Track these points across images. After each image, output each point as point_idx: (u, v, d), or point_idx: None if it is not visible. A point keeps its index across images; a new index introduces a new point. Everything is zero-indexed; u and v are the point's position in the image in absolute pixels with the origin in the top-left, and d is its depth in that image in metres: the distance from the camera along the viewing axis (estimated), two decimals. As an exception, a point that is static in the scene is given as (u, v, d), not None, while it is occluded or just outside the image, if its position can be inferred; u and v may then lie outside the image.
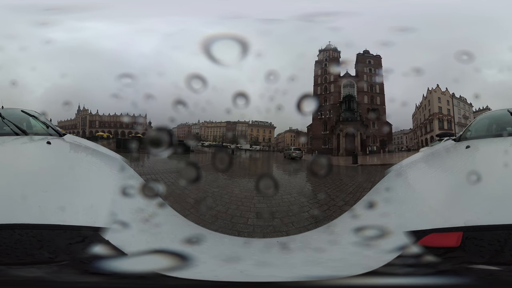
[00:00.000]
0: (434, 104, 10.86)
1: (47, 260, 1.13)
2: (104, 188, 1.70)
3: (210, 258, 1.42)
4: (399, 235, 1.34)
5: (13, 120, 2.38)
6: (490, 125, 2.67)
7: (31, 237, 1.17)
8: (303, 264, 1.43)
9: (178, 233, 1.71)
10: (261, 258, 1.55)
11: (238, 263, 1.42)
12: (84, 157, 2.41)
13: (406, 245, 1.28)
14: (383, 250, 1.32)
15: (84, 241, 1.22)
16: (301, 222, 3.30)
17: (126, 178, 2.04)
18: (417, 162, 2.54)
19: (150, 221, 1.58)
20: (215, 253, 1.54)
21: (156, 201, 1.75)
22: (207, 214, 3.50)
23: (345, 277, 1.17)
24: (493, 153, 2.11)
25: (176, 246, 1.40)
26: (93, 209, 1.42)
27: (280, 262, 1.50)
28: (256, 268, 1.37)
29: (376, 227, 1.47)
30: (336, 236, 1.76)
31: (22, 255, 1.13)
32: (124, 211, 1.49)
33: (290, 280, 1.20)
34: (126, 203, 1.59)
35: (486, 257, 1.17)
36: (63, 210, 1.32)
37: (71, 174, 1.75)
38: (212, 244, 1.64)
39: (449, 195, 1.54)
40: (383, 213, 1.66)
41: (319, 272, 1.27)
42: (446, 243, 1.24)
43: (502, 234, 1.20)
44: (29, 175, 1.57)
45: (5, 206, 1.25)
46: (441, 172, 2.07)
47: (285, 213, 3.68)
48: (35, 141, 2.34)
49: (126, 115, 9.05)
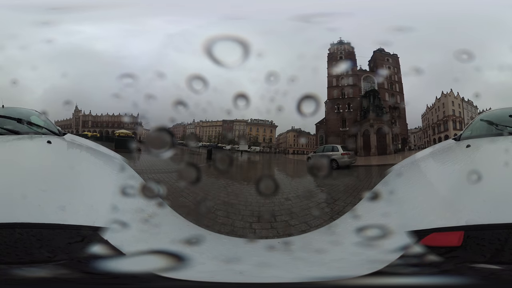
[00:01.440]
0: (449, 107, 11.35)
1: (46, 260, 1.13)
2: (104, 188, 1.69)
3: (209, 259, 1.42)
4: (401, 235, 1.34)
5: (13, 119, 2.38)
6: (490, 124, 2.62)
7: (31, 236, 1.17)
8: (305, 265, 1.42)
9: (178, 233, 1.71)
10: (262, 259, 1.54)
11: (238, 264, 1.42)
12: (84, 156, 2.40)
13: (408, 245, 1.28)
14: (385, 250, 1.31)
15: (83, 240, 1.22)
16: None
17: (126, 178, 2.03)
18: (418, 162, 2.54)
19: (150, 221, 1.57)
20: (215, 254, 1.54)
21: (156, 201, 1.74)
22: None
23: (349, 278, 1.17)
24: (493, 152, 2.11)
25: (175, 246, 1.38)
26: (93, 208, 1.41)
27: (281, 263, 1.49)
28: (257, 269, 1.36)
29: (378, 227, 1.46)
30: (338, 236, 1.76)
31: (22, 254, 1.13)
32: (123, 211, 1.48)
33: (291, 281, 1.20)
34: (126, 203, 1.59)
35: (488, 256, 1.17)
36: (63, 210, 1.31)
37: (71, 173, 1.75)
38: (212, 245, 1.64)
39: (450, 194, 1.54)
40: (384, 213, 1.66)
41: (322, 273, 1.27)
42: (448, 243, 1.24)
43: (502, 233, 1.20)
44: (30, 174, 1.57)
45: (5, 205, 1.24)
46: (441, 171, 2.07)
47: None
48: (36, 140, 2.34)
49: (118, 115, 9.09)
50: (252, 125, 14.96)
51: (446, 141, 2.98)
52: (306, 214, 3.44)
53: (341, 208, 3.68)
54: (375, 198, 1.91)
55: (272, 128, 15.04)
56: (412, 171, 2.33)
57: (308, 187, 5.39)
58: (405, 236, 1.32)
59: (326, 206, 3.95)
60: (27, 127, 2.47)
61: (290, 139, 15.23)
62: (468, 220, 1.26)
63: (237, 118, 14.66)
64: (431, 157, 2.59)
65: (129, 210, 1.54)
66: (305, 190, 5.00)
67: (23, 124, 2.47)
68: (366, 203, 1.95)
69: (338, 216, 2.42)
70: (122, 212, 1.46)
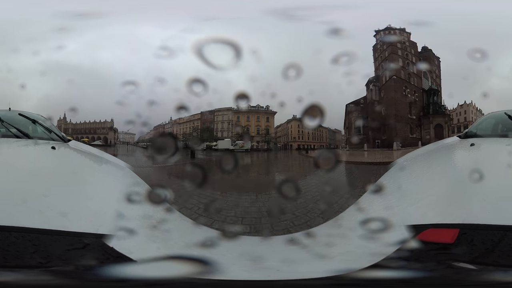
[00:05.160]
0: (470, 114, 11.80)
1: (37, 265, 1.11)
2: (109, 195, 1.67)
3: (235, 259, 1.39)
4: (401, 229, 1.35)
5: (19, 123, 2.39)
6: (496, 124, 2.66)
7: (27, 241, 1.15)
8: (321, 259, 1.41)
9: (191, 237, 1.69)
10: (284, 255, 1.52)
11: (264, 261, 1.40)
12: (88, 163, 2.37)
13: (405, 239, 1.29)
14: (385, 243, 1.32)
15: (85, 247, 1.19)
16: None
17: (131, 185, 2.01)
18: (421, 157, 2.56)
19: (159, 227, 1.55)
20: (235, 254, 1.50)
21: (163, 206, 1.71)
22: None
23: (354, 271, 1.17)
24: (497, 153, 2.10)
25: (191, 250, 1.38)
26: (97, 215, 1.39)
27: (301, 258, 1.48)
28: (285, 266, 1.35)
29: (380, 220, 1.47)
30: (344, 229, 1.74)
31: (10, 257, 1.10)
32: (130, 218, 1.46)
33: (325, 275, 1.18)
34: (132, 209, 1.57)
35: (474, 255, 1.18)
36: (64, 216, 1.29)
37: (74, 180, 1.73)
38: (230, 246, 1.60)
39: (450, 191, 1.55)
40: (387, 206, 1.68)
41: (335, 266, 1.25)
42: (442, 239, 1.25)
43: (497, 234, 1.21)
44: (32, 179, 1.55)
45: (4, 208, 1.23)
46: (444, 168, 2.07)
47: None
48: (40, 145, 2.32)
49: (93, 122, 9.09)
50: (240, 113, 10.34)
51: (450, 138, 2.99)
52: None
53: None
54: (378, 191, 1.91)
55: (269, 116, 10.25)
56: (415, 166, 2.35)
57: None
58: (404, 230, 1.33)
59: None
60: (32, 131, 2.47)
61: (293, 130, 10.79)
62: (465, 218, 1.27)
63: (219, 108, 10.25)
64: (434, 153, 2.60)
65: (136, 216, 1.51)
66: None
67: (29, 128, 2.47)
68: (370, 195, 1.93)
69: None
70: (128, 219, 1.43)
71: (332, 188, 4.14)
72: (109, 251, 1.20)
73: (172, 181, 4.83)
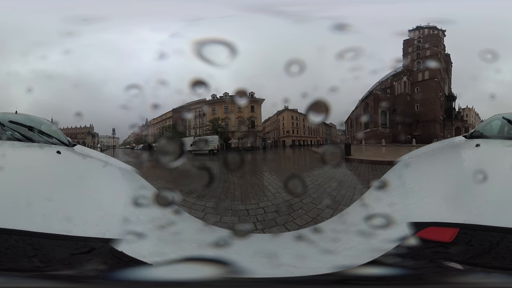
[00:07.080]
0: (471, 118, 12.33)
1: (33, 269, 1.09)
2: (115, 199, 1.65)
3: (251, 257, 1.38)
4: (402, 226, 1.35)
5: (25, 126, 2.40)
6: (502, 126, 2.63)
7: (28, 245, 1.13)
8: (331, 254, 1.41)
9: (202, 238, 1.68)
10: (296, 251, 1.53)
11: (280, 258, 1.40)
12: (94, 168, 2.36)
13: (406, 236, 1.30)
14: (386, 239, 1.33)
15: (91, 252, 1.18)
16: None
17: (138, 189, 2.00)
18: (426, 155, 2.57)
19: (169, 229, 1.54)
20: (250, 252, 1.48)
21: (172, 208, 1.70)
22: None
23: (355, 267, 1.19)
24: (502, 154, 2.09)
25: (206, 251, 1.37)
26: (103, 220, 1.37)
27: (312, 253, 1.47)
28: (300, 261, 1.35)
29: (383, 216, 1.47)
30: (349, 225, 1.74)
31: (5, 261, 1.09)
32: (138, 222, 1.45)
33: (331, 271, 1.19)
34: (140, 213, 1.55)
35: (469, 255, 1.19)
36: (69, 221, 1.27)
37: (80, 184, 1.72)
38: (242, 244, 1.58)
39: (453, 190, 1.55)
40: (390, 203, 1.68)
41: (341, 262, 1.27)
42: (440, 238, 1.25)
43: (496, 236, 1.20)
44: (37, 183, 1.53)
45: (7, 211, 1.22)
46: (448, 167, 2.08)
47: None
48: (45, 149, 2.32)
49: (73, 128, 9.09)
50: (216, 104, 7.59)
51: (456, 137, 2.98)
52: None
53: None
54: (383, 187, 1.92)
55: (254, 105, 7.48)
56: (419, 163, 2.36)
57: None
58: (406, 227, 1.33)
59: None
60: (37, 135, 2.46)
61: (286, 123, 8.34)
62: (467, 218, 1.27)
63: (189, 102, 6.71)
64: (439, 151, 2.61)
65: (144, 220, 1.50)
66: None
67: (35, 131, 2.46)
68: (374, 191, 1.95)
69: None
70: (136, 223, 1.42)
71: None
72: (118, 255, 1.19)
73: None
